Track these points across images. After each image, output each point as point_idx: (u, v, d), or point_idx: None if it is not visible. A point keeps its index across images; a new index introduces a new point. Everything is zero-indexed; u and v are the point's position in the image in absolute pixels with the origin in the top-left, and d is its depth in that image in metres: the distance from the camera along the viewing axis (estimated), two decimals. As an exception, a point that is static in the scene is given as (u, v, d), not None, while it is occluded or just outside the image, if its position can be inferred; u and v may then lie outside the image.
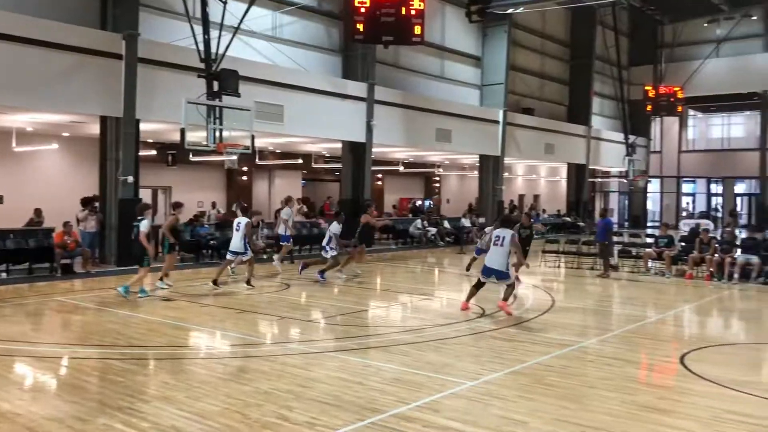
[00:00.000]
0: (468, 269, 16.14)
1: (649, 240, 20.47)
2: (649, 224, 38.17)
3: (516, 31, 30.06)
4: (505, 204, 29.76)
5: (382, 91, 22.84)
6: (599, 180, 40.29)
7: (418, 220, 25.72)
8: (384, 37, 19.38)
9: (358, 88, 22.12)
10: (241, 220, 13.74)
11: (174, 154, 22.81)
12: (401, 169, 31.27)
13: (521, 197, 37.96)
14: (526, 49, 31.98)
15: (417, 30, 19.41)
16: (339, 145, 23.12)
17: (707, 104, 40.31)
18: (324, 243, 14.81)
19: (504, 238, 11.00)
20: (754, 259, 15.81)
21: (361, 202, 21.62)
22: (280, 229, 16.60)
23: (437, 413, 6.07)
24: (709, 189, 43.21)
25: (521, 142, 29.70)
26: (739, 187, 42.28)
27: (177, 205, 13.76)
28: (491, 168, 28.51)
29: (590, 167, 35.55)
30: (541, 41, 33.09)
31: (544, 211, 35.06)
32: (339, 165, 24.49)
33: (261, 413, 6.00)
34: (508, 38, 28.35)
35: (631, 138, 35.18)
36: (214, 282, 13.29)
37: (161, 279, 13.04)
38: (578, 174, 35.36)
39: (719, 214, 39.82)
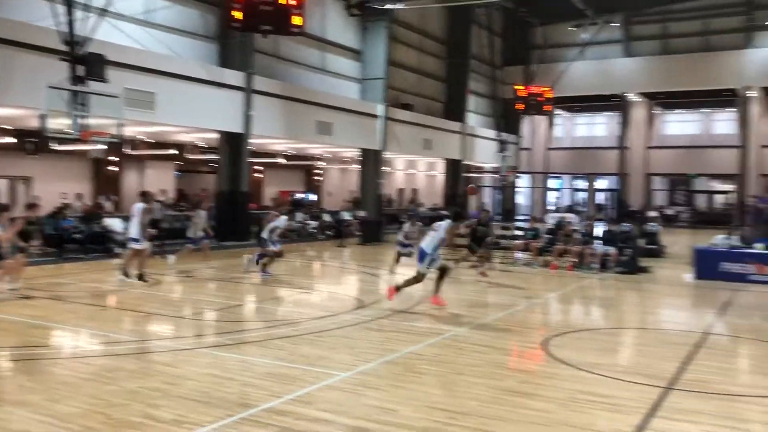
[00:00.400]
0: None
1: (519, 233, 21.49)
2: (519, 218, 39.97)
3: (396, 27, 30.45)
4: (384, 198, 30.16)
5: (261, 81, 22.41)
6: (474, 175, 41.71)
7: (299, 213, 25.57)
8: (262, 26, 19.01)
9: (235, 77, 21.57)
10: (138, 206, 13.21)
11: (35, 142, 21.29)
12: (282, 161, 30.91)
13: (401, 191, 38.66)
14: (405, 45, 32.48)
15: (296, 20, 19.20)
16: (215, 136, 22.50)
17: (573, 104, 42.73)
18: (266, 236, 14.77)
19: (440, 225, 11.35)
20: (612, 250, 17.03)
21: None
22: (190, 233, 16.86)
23: (310, 405, 6.06)
24: (572, 184, 46.05)
25: (401, 136, 30.18)
26: (601, 183, 45.26)
27: (30, 206, 12.99)
28: (372, 162, 28.77)
29: (465, 162, 36.71)
30: (420, 38, 33.72)
31: (421, 204, 35.86)
32: (215, 156, 23.84)
33: (126, 413, 5.74)
34: (388, 33, 28.67)
35: (503, 135, 36.71)
36: (140, 277, 13.06)
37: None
38: (454, 169, 36.43)
39: (583, 208, 42.37)
